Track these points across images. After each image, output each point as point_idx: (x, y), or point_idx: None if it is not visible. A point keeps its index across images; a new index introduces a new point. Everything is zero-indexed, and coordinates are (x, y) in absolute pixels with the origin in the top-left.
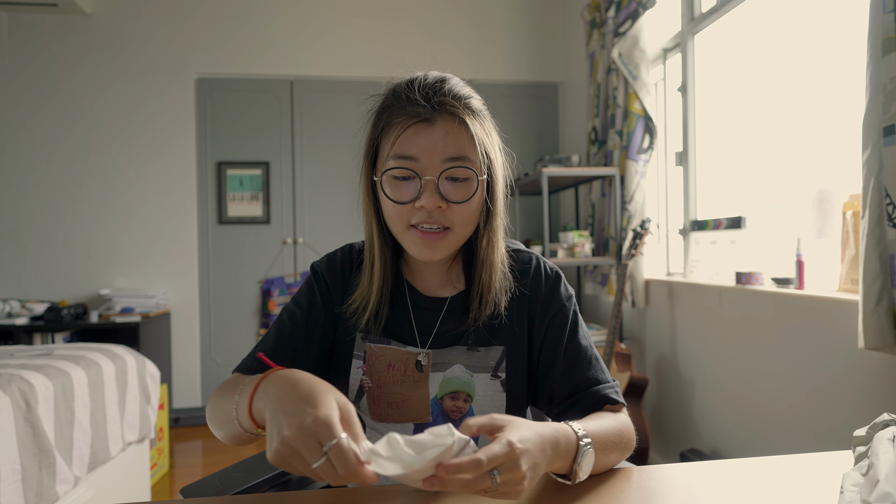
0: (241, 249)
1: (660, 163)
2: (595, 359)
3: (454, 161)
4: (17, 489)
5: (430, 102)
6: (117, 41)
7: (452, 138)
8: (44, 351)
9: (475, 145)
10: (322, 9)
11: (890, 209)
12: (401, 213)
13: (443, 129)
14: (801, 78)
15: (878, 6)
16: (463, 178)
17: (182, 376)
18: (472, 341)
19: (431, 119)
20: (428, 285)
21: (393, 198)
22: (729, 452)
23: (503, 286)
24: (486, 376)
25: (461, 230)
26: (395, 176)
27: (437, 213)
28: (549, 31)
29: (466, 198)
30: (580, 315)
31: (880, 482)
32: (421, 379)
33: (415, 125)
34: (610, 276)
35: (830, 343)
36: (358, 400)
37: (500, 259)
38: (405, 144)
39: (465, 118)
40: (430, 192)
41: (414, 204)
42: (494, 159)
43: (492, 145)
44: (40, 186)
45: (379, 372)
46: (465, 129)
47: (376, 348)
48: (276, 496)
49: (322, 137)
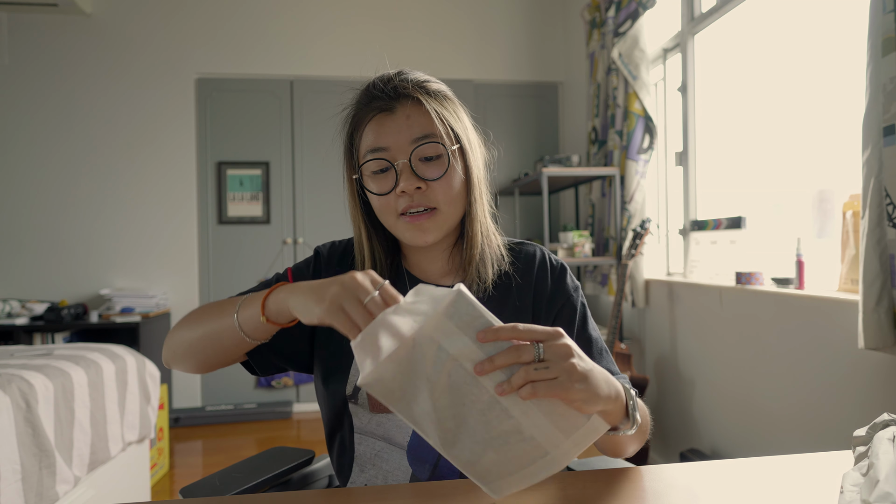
0: (241, 249)
1: (660, 163)
2: (605, 351)
3: (420, 140)
4: (17, 489)
5: (386, 91)
6: (117, 41)
7: (414, 120)
8: (44, 351)
9: (439, 121)
10: (322, 9)
11: (890, 209)
12: (387, 205)
13: (403, 113)
14: (801, 78)
15: (878, 6)
16: (435, 156)
17: (182, 376)
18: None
19: (391, 108)
20: (428, 274)
21: (375, 191)
22: (729, 452)
23: (492, 258)
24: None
25: (447, 208)
26: (373, 170)
27: (419, 195)
28: (549, 31)
29: (442, 173)
30: (587, 307)
31: (880, 482)
32: None
33: (377, 117)
34: (610, 276)
35: (830, 343)
36: (356, 394)
37: (483, 228)
38: (373, 137)
39: (420, 97)
40: (405, 175)
41: (395, 192)
42: (463, 133)
43: (458, 121)
44: (40, 186)
45: None
46: (424, 109)
47: None
48: (277, 496)
49: (322, 137)
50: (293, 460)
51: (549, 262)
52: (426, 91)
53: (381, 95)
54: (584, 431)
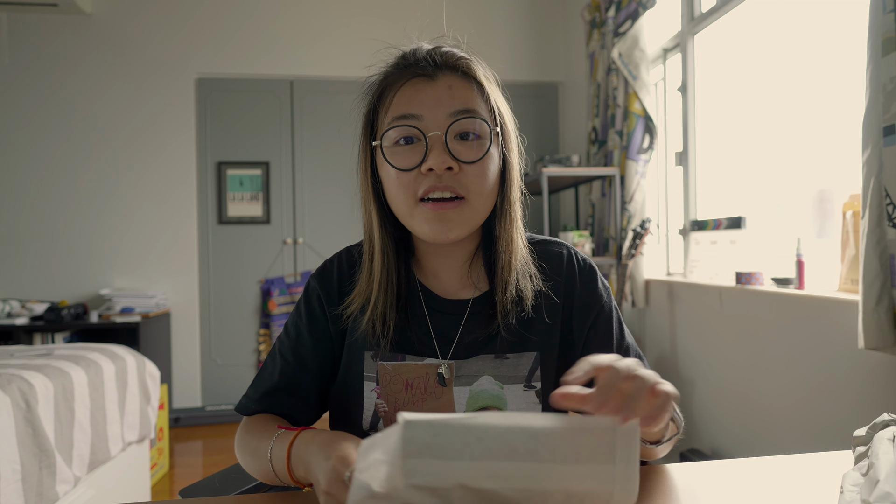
0: (241, 249)
1: (660, 163)
2: (642, 356)
3: (461, 114)
4: (17, 489)
5: (428, 60)
6: (117, 41)
7: (457, 91)
8: (44, 351)
9: (484, 99)
10: (322, 9)
11: (890, 209)
12: (406, 185)
13: (445, 83)
14: (801, 78)
15: (878, 6)
16: (474, 135)
17: (182, 376)
18: (501, 348)
19: (432, 74)
20: (446, 286)
21: (396, 164)
22: (729, 452)
23: (526, 272)
24: (518, 387)
25: (477, 200)
26: (396, 139)
27: (448, 176)
28: (549, 31)
29: (480, 156)
30: (618, 309)
31: (880, 482)
32: (444, 394)
33: (414, 81)
34: (610, 276)
35: (830, 343)
36: (374, 426)
37: (520, 239)
38: (405, 103)
39: (469, 69)
40: (437, 150)
41: (420, 169)
42: (506, 119)
43: (502, 105)
44: (40, 186)
45: (395, 393)
46: (471, 83)
47: (389, 366)
48: (277, 496)
49: (322, 137)
50: None
51: (577, 262)
52: (472, 64)
53: (421, 62)
54: (622, 444)
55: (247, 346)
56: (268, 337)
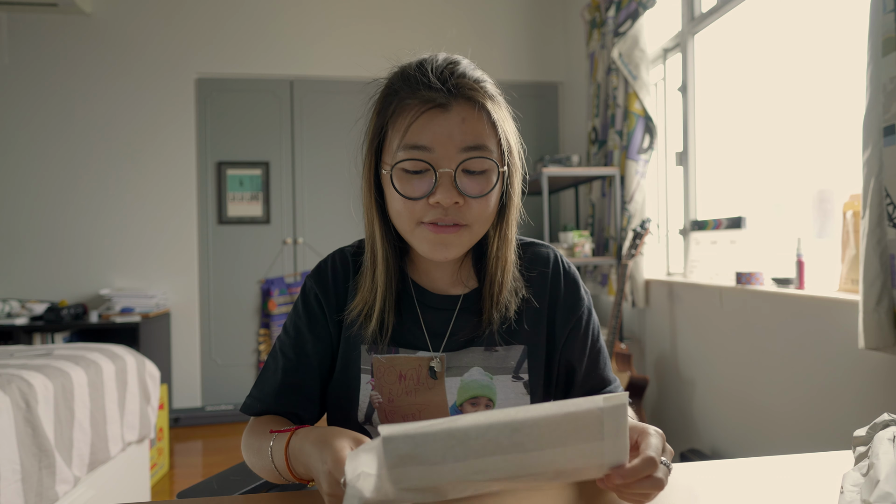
0: (241, 249)
1: (660, 163)
2: (608, 358)
3: (472, 151)
4: (16, 489)
5: (444, 86)
6: (117, 41)
7: (470, 125)
8: (44, 351)
9: (494, 133)
10: (322, 9)
11: (890, 209)
12: (411, 211)
13: (459, 115)
14: (801, 78)
15: (878, 6)
16: (480, 171)
17: (182, 376)
18: (490, 341)
19: (446, 105)
20: (437, 283)
21: (404, 193)
22: (729, 452)
23: (513, 287)
24: (507, 378)
25: (478, 227)
26: (407, 169)
27: (454, 209)
28: (549, 31)
29: (485, 192)
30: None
31: (880, 482)
32: (436, 386)
33: (428, 111)
34: (610, 276)
35: (830, 343)
36: (369, 417)
37: (512, 257)
38: (418, 133)
39: (484, 102)
40: (445, 186)
41: (427, 200)
42: (513, 148)
43: (510, 132)
44: (40, 186)
45: (389, 385)
46: (483, 115)
47: (384, 359)
48: (276, 496)
49: (322, 137)
50: None
51: (562, 268)
52: (485, 93)
53: (437, 86)
54: (609, 421)
55: (247, 346)
56: (268, 337)
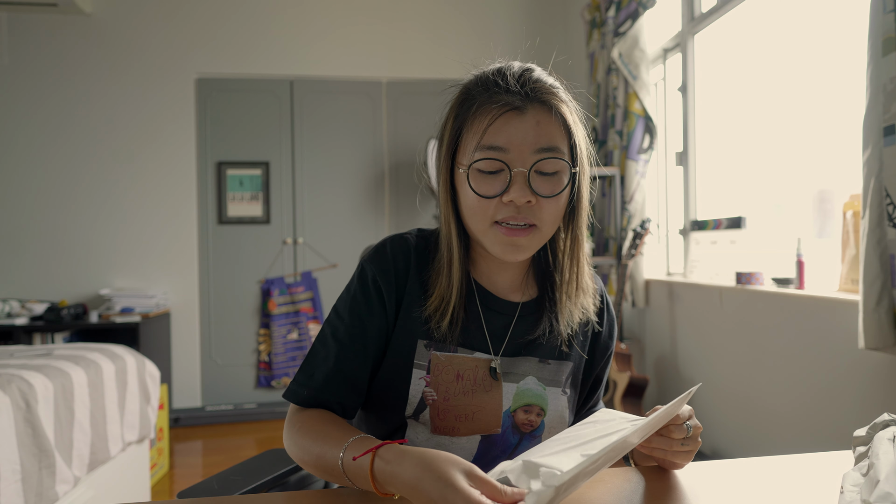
0: (241, 249)
1: (660, 163)
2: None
3: (545, 153)
4: (16, 489)
5: (522, 90)
6: (117, 41)
7: (544, 128)
8: (44, 351)
9: (567, 136)
10: (322, 9)
11: (890, 209)
12: (485, 209)
13: (534, 118)
14: (801, 78)
15: (878, 6)
16: (553, 172)
17: (182, 376)
18: (544, 353)
19: (522, 108)
20: (500, 288)
21: (479, 192)
22: (729, 452)
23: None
24: (557, 391)
25: (548, 228)
26: (482, 169)
27: (526, 208)
28: (549, 32)
29: (556, 192)
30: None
31: (880, 482)
32: (494, 388)
33: (505, 114)
34: (610, 276)
35: (830, 343)
36: (419, 413)
37: (586, 260)
38: (494, 135)
39: (558, 106)
40: (519, 185)
41: (501, 198)
42: (584, 152)
43: (581, 137)
44: (40, 186)
45: (446, 383)
46: (557, 119)
47: (443, 357)
48: (276, 496)
49: (322, 137)
50: (291, 462)
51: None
52: (559, 98)
53: (512, 90)
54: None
55: (247, 346)
56: (268, 337)
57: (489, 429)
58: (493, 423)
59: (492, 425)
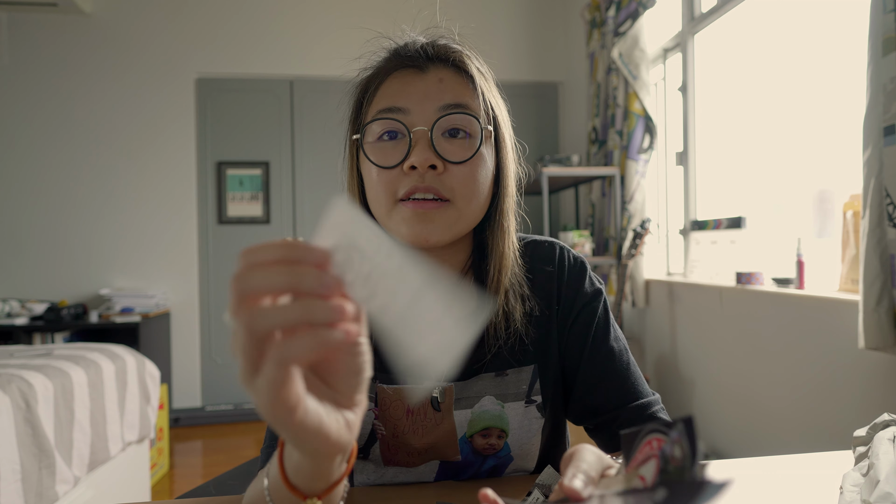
0: (241, 249)
1: (660, 163)
2: (631, 364)
3: (450, 108)
4: (16, 489)
5: (420, 52)
6: (117, 41)
7: (448, 84)
8: (43, 351)
9: (476, 95)
10: (322, 9)
11: (890, 209)
12: (386, 183)
13: (436, 75)
14: (802, 78)
15: (878, 6)
16: (464, 133)
17: (182, 376)
18: (500, 365)
19: (423, 66)
20: None
21: (376, 161)
22: (729, 452)
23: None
24: (519, 405)
25: (464, 203)
26: (379, 134)
27: (432, 176)
28: (549, 31)
29: (469, 155)
30: (611, 313)
31: (881, 482)
32: (444, 419)
33: (402, 73)
34: (610, 276)
35: (830, 343)
36: (369, 447)
37: (512, 254)
38: (390, 95)
39: (465, 63)
40: (421, 146)
41: (402, 167)
42: (501, 120)
43: (497, 105)
44: (40, 186)
45: (395, 419)
46: (464, 76)
47: (390, 390)
48: None
49: (322, 137)
50: None
51: (567, 261)
52: (465, 55)
53: (412, 53)
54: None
55: None
56: None
57: (447, 457)
58: (450, 452)
59: (449, 454)
